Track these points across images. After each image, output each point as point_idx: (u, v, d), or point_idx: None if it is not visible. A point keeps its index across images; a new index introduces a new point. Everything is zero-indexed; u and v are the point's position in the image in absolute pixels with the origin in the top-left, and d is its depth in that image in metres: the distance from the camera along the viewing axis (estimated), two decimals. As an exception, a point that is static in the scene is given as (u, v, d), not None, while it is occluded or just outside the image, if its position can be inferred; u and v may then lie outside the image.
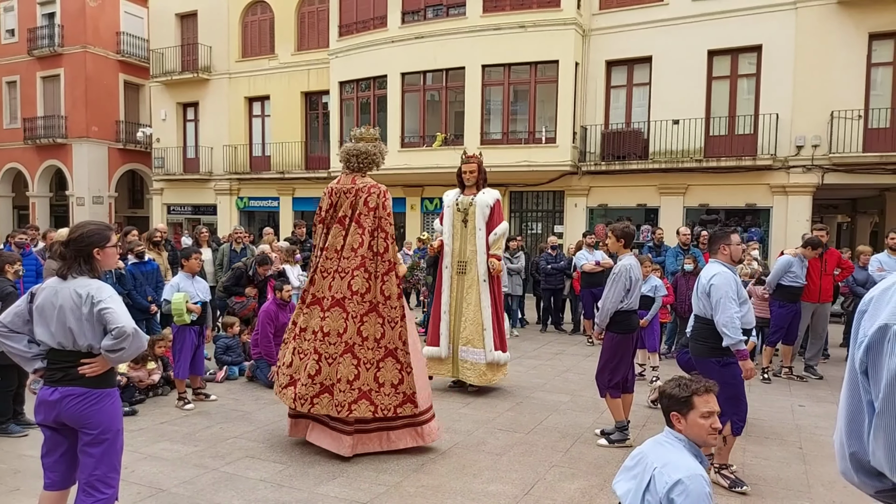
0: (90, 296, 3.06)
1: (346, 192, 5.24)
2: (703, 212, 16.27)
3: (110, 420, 3.17)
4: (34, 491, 4.33)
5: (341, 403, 4.90)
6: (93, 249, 3.17)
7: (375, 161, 5.40)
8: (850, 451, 1.48)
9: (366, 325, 5.06)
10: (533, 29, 16.48)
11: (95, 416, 3.12)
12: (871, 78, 14.55)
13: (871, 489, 1.49)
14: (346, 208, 5.18)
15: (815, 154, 14.80)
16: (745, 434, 5.81)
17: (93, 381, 3.12)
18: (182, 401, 6.57)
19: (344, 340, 4.98)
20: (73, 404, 3.08)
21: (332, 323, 5.03)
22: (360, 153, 5.34)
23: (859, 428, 1.46)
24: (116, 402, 3.28)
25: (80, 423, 3.11)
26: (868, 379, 1.42)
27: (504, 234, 7.29)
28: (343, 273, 5.08)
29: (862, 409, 1.45)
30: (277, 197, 22.68)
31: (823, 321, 8.51)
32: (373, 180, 5.34)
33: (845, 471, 1.55)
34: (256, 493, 4.38)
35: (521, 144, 17.00)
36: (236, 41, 22.98)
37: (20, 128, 27.08)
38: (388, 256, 5.13)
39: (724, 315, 4.48)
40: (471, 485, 4.58)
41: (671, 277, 9.24)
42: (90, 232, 3.19)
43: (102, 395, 3.15)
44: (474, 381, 7.10)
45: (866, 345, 1.41)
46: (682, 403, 2.61)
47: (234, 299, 8.64)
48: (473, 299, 7.12)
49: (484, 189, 7.27)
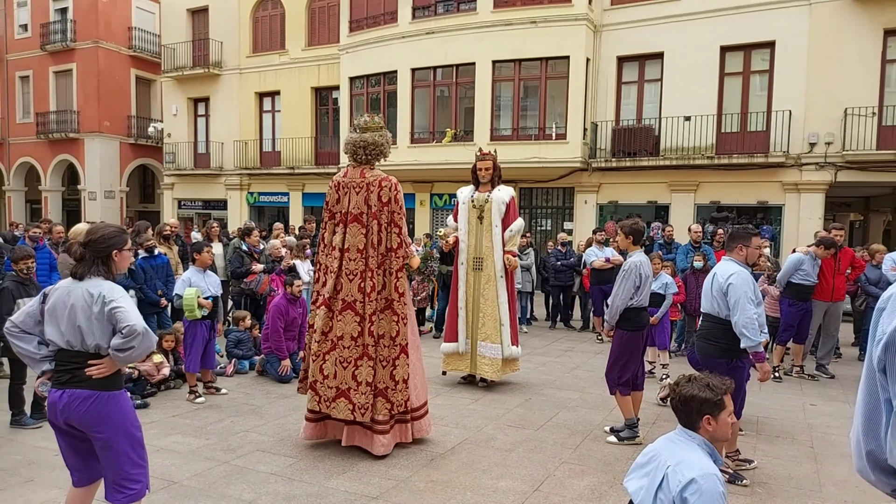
0: (101, 295, 3.08)
1: (356, 187, 5.06)
2: (714, 209, 16.17)
3: (119, 421, 3.15)
4: (48, 482, 4.39)
5: (364, 406, 4.91)
6: (112, 251, 3.21)
7: (383, 151, 5.19)
8: (867, 449, 1.47)
9: (382, 323, 5.03)
10: (544, 24, 16.41)
11: (103, 420, 3.10)
12: (885, 75, 14.40)
13: (888, 487, 1.48)
14: (361, 204, 5.03)
15: (828, 151, 14.67)
16: (756, 433, 5.81)
17: (99, 384, 3.11)
18: (193, 394, 6.61)
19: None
20: (81, 407, 3.07)
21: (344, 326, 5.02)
22: (367, 144, 5.10)
23: (876, 426, 1.45)
24: (125, 403, 3.25)
25: (89, 426, 3.10)
26: (886, 377, 1.41)
27: (520, 231, 7.32)
28: (370, 273, 4.99)
29: (879, 407, 1.44)
30: (287, 192, 22.75)
31: (836, 320, 8.44)
32: (383, 173, 5.16)
33: (861, 469, 1.54)
34: (267, 486, 4.41)
35: (532, 141, 16.95)
36: (247, 36, 23.04)
37: (33, 122, 27.30)
38: (401, 253, 5.07)
39: (744, 316, 4.43)
40: (480, 480, 4.58)
41: (681, 275, 9.20)
42: (110, 234, 3.23)
43: (110, 398, 3.14)
44: (491, 377, 7.16)
45: (885, 342, 1.40)
46: (715, 405, 2.57)
47: (246, 281, 8.75)
48: (491, 295, 7.17)
49: (499, 186, 7.28)
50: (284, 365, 7.44)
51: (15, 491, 4.30)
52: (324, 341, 5.09)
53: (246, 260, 8.93)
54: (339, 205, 5.15)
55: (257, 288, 8.79)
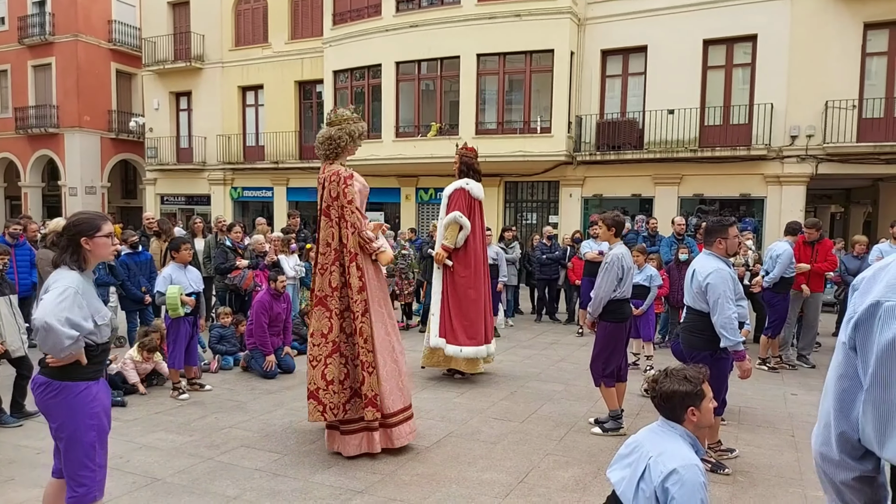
0: (46, 284, 3.04)
1: (319, 183, 5.06)
2: (697, 201, 16.31)
3: (69, 415, 3.04)
4: (29, 481, 4.34)
5: (337, 406, 4.82)
6: (80, 238, 3.08)
7: (341, 146, 5.02)
8: (839, 430, 1.50)
9: (348, 321, 4.91)
10: (528, 18, 16.40)
11: (53, 409, 3.05)
12: (865, 68, 14.56)
13: (850, 473, 1.50)
14: (327, 198, 4.96)
15: (810, 144, 14.83)
16: (737, 422, 5.88)
17: (54, 372, 3.03)
18: (177, 391, 6.56)
19: (330, 340, 4.85)
20: (37, 393, 3.08)
21: (316, 323, 4.91)
22: (325, 139, 5.03)
23: (849, 406, 1.47)
24: (81, 398, 3.07)
25: (45, 414, 3.11)
26: (857, 355, 1.44)
27: (448, 225, 7.12)
28: (322, 269, 4.93)
29: (853, 387, 1.46)
30: (271, 187, 22.60)
31: (815, 310, 8.54)
32: (341, 166, 5.01)
33: (826, 453, 1.55)
34: (252, 482, 4.39)
35: (516, 134, 16.97)
36: (229, 30, 22.81)
37: (11, 117, 26.87)
38: (350, 247, 4.85)
39: (722, 316, 4.43)
40: (465, 473, 4.60)
41: (665, 267, 9.26)
42: (78, 220, 3.14)
43: (62, 388, 3.03)
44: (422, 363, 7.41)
45: (855, 321, 1.43)
46: (696, 396, 2.59)
47: (230, 276, 8.72)
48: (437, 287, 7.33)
49: (465, 180, 7.26)
50: (269, 360, 7.40)
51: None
52: (324, 343, 4.95)
53: (230, 255, 8.89)
54: (322, 201, 5.14)
55: (241, 283, 8.76)
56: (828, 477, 1.56)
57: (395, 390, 4.98)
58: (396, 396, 4.98)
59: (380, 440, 4.90)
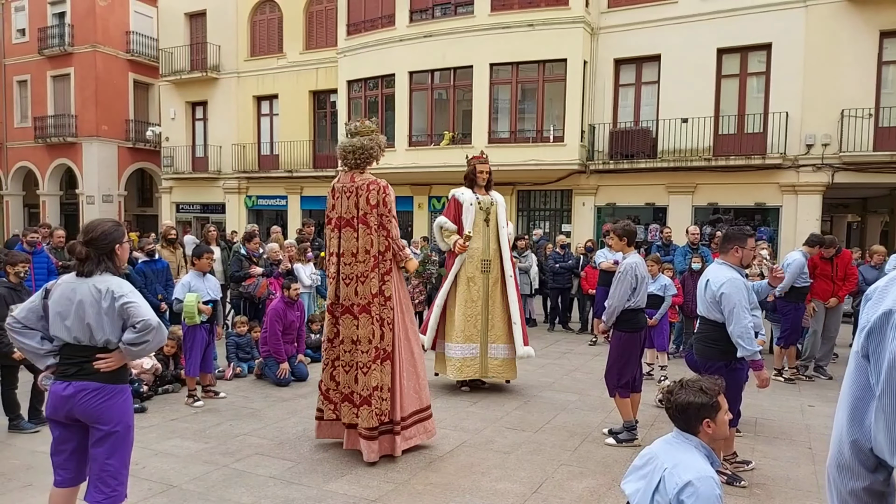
0: (110, 290, 3.10)
1: (347, 192, 5.08)
2: (711, 210, 16.21)
3: (122, 415, 3.20)
4: (46, 487, 4.36)
5: (383, 411, 4.93)
6: (114, 246, 3.23)
7: (373, 155, 5.15)
8: (852, 438, 1.49)
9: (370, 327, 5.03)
10: (541, 27, 16.45)
11: (108, 412, 3.14)
12: (881, 76, 14.45)
13: (861, 483, 1.49)
14: (351, 208, 5.05)
15: (825, 153, 14.71)
16: (754, 434, 5.82)
17: (107, 377, 3.15)
18: (192, 398, 6.61)
19: (374, 346, 4.95)
20: (87, 399, 3.10)
21: (362, 330, 5.00)
22: (355, 149, 5.10)
23: (862, 414, 1.47)
24: (129, 399, 3.32)
25: (94, 419, 3.13)
26: (870, 364, 1.44)
27: (512, 235, 7.49)
28: (363, 277, 4.99)
29: (866, 395, 1.46)
30: (286, 195, 22.75)
31: (836, 322, 8.47)
32: (372, 176, 5.15)
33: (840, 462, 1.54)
34: (266, 490, 4.41)
35: (529, 143, 16.98)
36: (245, 40, 23.06)
37: (31, 126, 27.30)
38: (388, 256, 5.04)
39: (738, 326, 4.39)
40: (479, 483, 4.59)
41: (679, 277, 9.21)
42: (110, 229, 3.24)
43: (116, 391, 3.19)
44: (507, 377, 7.29)
45: (868, 329, 1.43)
46: (711, 408, 2.58)
47: (245, 284, 8.78)
48: (498, 297, 7.20)
49: (492, 189, 7.38)
50: (283, 368, 7.45)
51: (13, 496, 4.30)
52: (330, 349, 5.17)
53: (245, 263, 8.95)
54: (334, 210, 5.20)
55: (255, 291, 8.81)
56: (836, 487, 1.55)
57: (412, 393, 5.19)
58: (413, 398, 5.19)
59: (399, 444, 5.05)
